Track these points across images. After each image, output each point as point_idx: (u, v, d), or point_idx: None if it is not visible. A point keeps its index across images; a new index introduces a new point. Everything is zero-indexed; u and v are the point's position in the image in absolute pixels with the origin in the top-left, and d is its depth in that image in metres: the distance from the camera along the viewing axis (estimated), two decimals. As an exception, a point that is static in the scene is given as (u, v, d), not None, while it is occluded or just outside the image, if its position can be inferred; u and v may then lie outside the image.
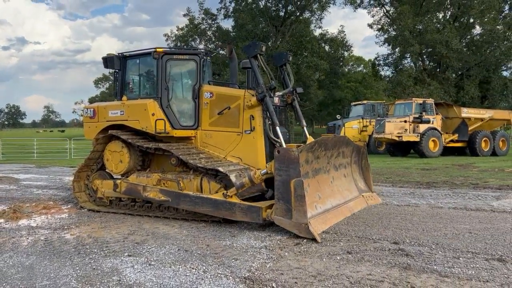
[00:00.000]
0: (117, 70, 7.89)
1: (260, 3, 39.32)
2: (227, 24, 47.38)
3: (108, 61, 7.78)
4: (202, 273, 4.22)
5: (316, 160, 6.03)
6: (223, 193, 6.11)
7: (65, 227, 6.34)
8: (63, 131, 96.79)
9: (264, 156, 6.59)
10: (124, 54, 7.89)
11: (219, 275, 4.16)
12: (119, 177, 7.49)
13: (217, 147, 7.12)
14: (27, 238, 5.72)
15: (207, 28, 40.97)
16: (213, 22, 40.92)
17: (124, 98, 7.57)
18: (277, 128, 6.37)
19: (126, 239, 5.61)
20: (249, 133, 6.70)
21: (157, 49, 7.26)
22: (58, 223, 6.64)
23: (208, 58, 7.77)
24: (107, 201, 7.67)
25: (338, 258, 4.61)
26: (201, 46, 38.70)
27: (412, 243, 5.13)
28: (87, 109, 8.07)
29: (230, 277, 4.08)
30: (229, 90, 7.21)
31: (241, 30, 37.90)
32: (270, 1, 39.38)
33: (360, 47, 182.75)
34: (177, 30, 40.86)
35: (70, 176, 13.87)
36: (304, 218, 5.22)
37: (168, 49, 7.58)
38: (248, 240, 5.43)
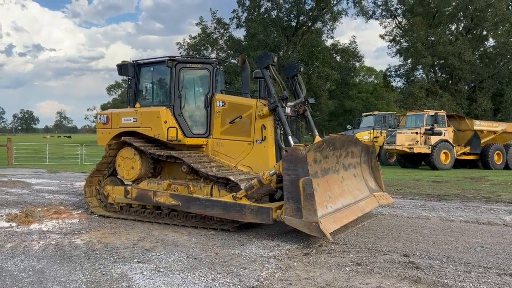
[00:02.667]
0: (131, 78, 7.99)
1: (272, 13, 39.72)
2: (239, 34, 47.76)
3: (122, 68, 7.88)
4: (211, 281, 4.23)
5: (325, 160, 6.01)
6: (233, 195, 6.12)
7: (76, 232, 6.39)
8: (69, 137, 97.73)
9: None
10: (138, 61, 7.99)
11: (227, 283, 4.15)
12: (130, 183, 7.54)
13: (228, 156, 7.15)
14: (38, 242, 5.77)
15: (219, 37, 41.42)
16: (225, 31, 41.40)
17: (137, 105, 7.64)
18: (290, 137, 6.38)
19: (135, 245, 5.64)
20: (261, 142, 6.75)
21: (171, 58, 7.34)
22: (69, 228, 6.70)
23: (221, 67, 7.82)
24: (117, 207, 7.71)
25: (348, 269, 4.58)
26: (213, 55, 39.03)
27: (423, 256, 5.08)
28: (100, 115, 8.17)
29: (239, 286, 4.08)
30: (241, 99, 7.27)
31: (252, 40, 38.20)
32: (282, 11, 39.71)
33: (372, 58, 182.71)
34: (189, 39, 41.35)
35: (81, 182, 14.02)
36: (315, 217, 5.17)
37: (181, 57, 7.67)
38: (257, 249, 5.43)
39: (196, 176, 6.98)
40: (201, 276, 4.36)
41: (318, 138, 6.94)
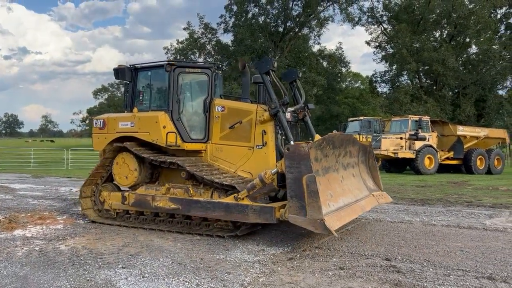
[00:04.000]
0: (128, 82, 7.88)
1: (259, 18, 39.91)
2: (227, 39, 47.95)
3: (119, 72, 7.76)
4: (195, 286, 4.26)
5: (325, 158, 5.98)
6: (234, 196, 6.07)
7: (60, 238, 6.36)
8: (52, 141, 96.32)
9: None
10: (136, 66, 7.88)
11: (211, 288, 4.20)
12: (127, 189, 7.43)
13: (227, 161, 7.10)
14: (22, 249, 5.73)
15: (207, 42, 41.43)
16: (212, 36, 41.48)
17: (135, 109, 7.55)
18: (291, 143, 6.25)
19: (120, 251, 5.64)
20: (261, 148, 6.72)
21: (170, 62, 7.29)
22: (53, 234, 6.66)
23: (220, 72, 7.76)
24: (114, 214, 7.56)
25: (330, 273, 4.66)
26: (200, 60, 39.03)
27: (404, 260, 5.18)
28: (96, 120, 7.99)
29: (223, 291, 4.12)
30: (241, 105, 7.22)
31: (240, 45, 38.34)
32: (269, 17, 39.94)
33: (359, 64, 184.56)
34: (177, 44, 41.29)
35: (66, 187, 13.92)
36: (319, 214, 5.12)
37: (180, 62, 7.56)
38: (242, 254, 5.47)
39: (195, 181, 6.91)
40: (186, 281, 4.39)
41: (318, 137, 6.92)
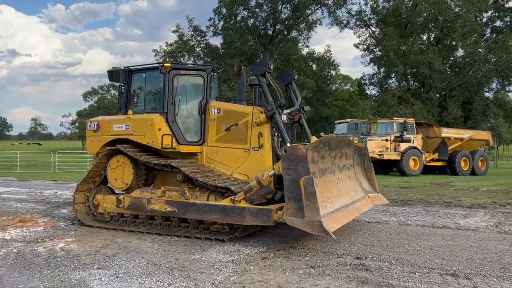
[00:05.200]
0: (122, 84, 7.85)
1: (248, 21, 40.03)
2: (216, 41, 48.08)
3: (113, 74, 7.72)
4: (167, 285, 4.36)
5: (322, 160, 5.99)
6: (231, 199, 6.07)
7: (39, 240, 6.41)
8: (39, 144, 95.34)
9: None
10: (130, 68, 7.87)
11: (183, 287, 4.30)
12: (121, 192, 7.38)
13: (223, 164, 7.08)
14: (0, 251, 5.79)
15: (196, 45, 41.50)
16: (202, 39, 41.54)
17: (130, 112, 7.52)
18: (288, 145, 6.28)
19: (98, 252, 5.71)
20: (257, 150, 6.71)
21: (165, 64, 7.27)
22: (33, 236, 6.71)
23: (215, 74, 7.77)
24: (108, 217, 7.47)
25: (301, 272, 4.79)
26: (190, 62, 39.08)
27: (374, 258, 5.33)
28: (90, 122, 7.93)
29: (193, 290, 4.23)
30: (237, 107, 7.22)
31: (229, 48, 38.46)
32: (258, 19, 40.10)
33: (349, 66, 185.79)
34: (166, 46, 41.30)
35: (51, 190, 13.91)
36: (317, 215, 5.13)
37: (175, 64, 7.58)
38: (217, 254, 5.58)
39: (191, 184, 6.87)
40: (158, 281, 4.49)
41: (314, 139, 6.96)
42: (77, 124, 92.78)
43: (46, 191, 13.53)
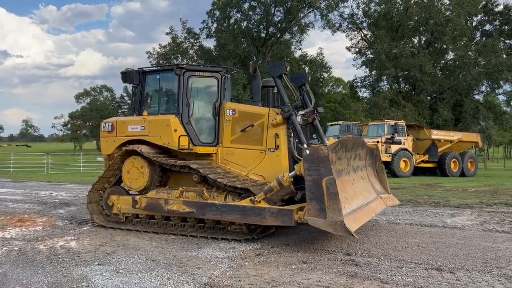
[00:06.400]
0: (136, 85, 7.90)
1: (242, 24, 40.32)
2: (209, 44, 48.47)
3: (127, 76, 7.78)
4: (166, 279, 4.57)
5: (339, 161, 6.00)
6: (251, 199, 6.10)
7: (39, 239, 6.58)
8: (28, 146, 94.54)
9: None
10: (144, 69, 7.95)
11: (181, 281, 4.51)
12: (136, 193, 7.39)
13: (238, 165, 7.12)
14: (1, 249, 5.94)
15: (189, 47, 41.69)
16: (195, 41, 41.74)
17: (145, 113, 7.56)
18: (305, 146, 6.34)
19: (97, 249, 5.90)
20: (273, 151, 6.77)
21: (179, 65, 7.37)
22: (32, 235, 6.87)
23: (229, 75, 7.82)
24: (123, 218, 7.46)
25: (294, 267, 5.01)
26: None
27: (364, 254, 5.57)
28: (105, 123, 7.95)
29: (191, 283, 4.44)
30: (253, 108, 7.28)
31: (222, 50, 38.73)
32: (251, 22, 40.44)
33: (342, 68, 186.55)
34: (159, 48, 41.44)
35: (46, 191, 14.02)
36: (340, 216, 5.15)
37: (190, 65, 7.61)
38: (213, 251, 5.79)
39: (207, 185, 6.92)
40: (157, 276, 4.69)
41: (332, 140, 7.09)
42: (69, 126, 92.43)
43: (41, 192, 13.65)
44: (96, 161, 31.56)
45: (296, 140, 6.70)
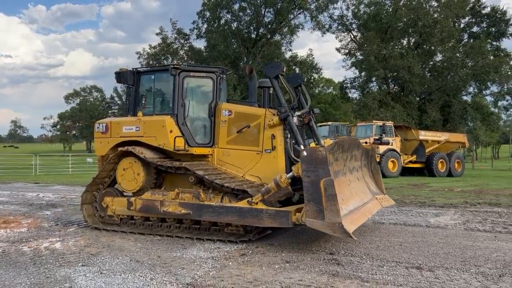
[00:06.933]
0: (130, 86, 7.83)
1: (232, 25, 40.31)
2: (200, 44, 48.42)
3: (121, 76, 7.70)
4: (149, 280, 4.60)
5: (336, 162, 6.01)
6: (248, 201, 6.08)
7: (24, 240, 6.56)
8: (15, 147, 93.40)
9: None
10: (138, 69, 7.92)
11: (164, 281, 4.54)
12: (130, 195, 7.33)
13: (235, 166, 7.10)
14: (-15, 250, 5.92)
15: (180, 48, 41.59)
16: (185, 41, 41.63)
17: (140, 113, 7.47)
18: (302, 147, 6.32)
19: (82, 251, 5.90)
20: (270, 152, 6.75)
21: (175, 66, 7.31)
22: (17, 237, 6.84)
23: (224, 76, 7.79)
24: (117, 219, 7.39)
25: (277, 266, 5.07)
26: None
27: (346, 254, 5.65)
28: (99, 124, 7.87)
29: (174, 284, 4.47)
30: (249, 109, 7.25)
31: (213, 51, 38.63)
32: (242, 23, 40.42)
33: (333, 69, 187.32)
34: (149, 49, 41.28)
35: (33, 192, 13.93)
36: (338, 217, 5.16)
37: (185, 65, 7.57)
38: (198, 251, 5.83)
39: (203, 187, 6.88)
40: (141, 276, 4.72)
41: (328, 142, 7.06)
42: (58, 127, 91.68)
43: (28, 194, 13.55)
44: (86, 162, 31.40)
45: (293, 141, 6.71)
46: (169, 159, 7.22)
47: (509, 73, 38.46)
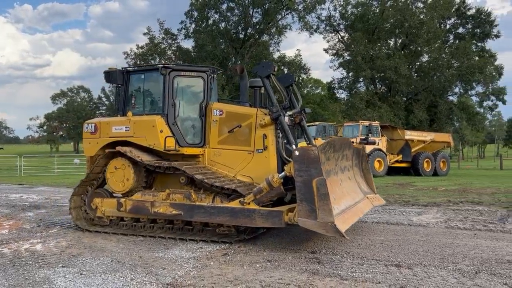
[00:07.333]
0: (119, 85, 7.73)
1: (220, 25, 40.29)
2: (188, 44, 48.19)
3: (110, 75, 7.61)
4: (129, 280, 4.59)
5: (327, 162, 5.99)
6: (240, 201, 6.07)
7: (4, 242, 6.48)
8: (1, 148, 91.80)
9: None
10: (128, 69, 7.87)
11: (144, 282, 4.53)
12: (120, 196, 7.22)
13: (226, 166, 7.07)
14: (-36, 252, 5.85)
15: (167, 48, 41.43)
16: (173, 42, 41.49)
17: (130, 113, 7.40)
18: (294, 146, 6.33)
19: (63, 252, 5.86)
20: (261, 152, 6.73)
21: (165, 65, 7.28)
22: (-3, 238, 6.77)
23: (215, 75, 7.75)
24: (107, 221, 7.31)
25: (258, 265, 5.10)
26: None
27: (328, 252, 5.70)
28: (87, 124, 7.72)
29: (154, 284, 4.47)
30: (240, 108, 7.23)
31: (201, 51, 38.60)
32: (230, 23, 40.43)
33: (322, 70, 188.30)
34: (136, 49, 41.06)
35: (17, 194, 13.76)
36: (330, 216, 5.18)
37: (176, 65, 7.40)
38: (180, 251, 5.83)
39: (194, 187, 6.83)
40: (121, 277, 4.70)
41: (320, 141, 7.00)
42: (45, 127, 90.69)
43: (11, 195, 13.39)
44: (73, 163, 31.11)
45: (285, 141, 6.70)
46: (159, 159, 7.16)
47: (494, 73, 39.16)
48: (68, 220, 8.32)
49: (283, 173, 5.91)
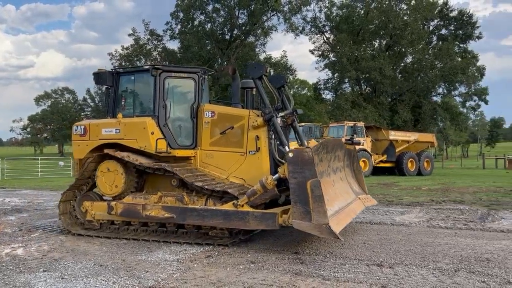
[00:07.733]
0: (109, 87, 7.61)
1: (206, 26, 40.23)
2: (173, 45, 47.87)
3: (100, 77, 7.49)
4: (112, 284, 4.56)
5: (320, 163, 5.97)
6: (233, 203, 6.02)
7: (-16, 247, 6.39)
8: None
9: None
10: (117, 70, 7.76)
11: (127, 285, 4.52)
12: (110, 199, 7.12)
13: (218, 168, 6.98)
14: None
15: (153, 49, 41.22)
16: (158, 43, 41.30)
17: (120, 115, 7.25)
18: (286, 148, 6.28)
19: (45, 256, 5.80)
20: (254, 153, 6.67)
21: (156, 66, 7.17)
22: (-23, 243, 6.66)
23: (206, 76, 7.65)
24: (97, 224, 7.18)
25: (241, 267, 5.11)
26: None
27: (311, 253, 5.75)
28: (77, 126, 7.58)
29: (137, 287, 4.46)
30: (232, 110, 7.16)
31: (187, 52, 38.50)
32: (215, 24, 40.38)
33: (308, 71, 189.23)
34: (121, 50, 40.76)
35: (-1, 197, 13.54)
36: (325, 218, 5.15)
37: (166, 66, 7.30)
38: (164, 254, 5.81)
39: (186, 189, 6.75)
40: (103, 280, 4.68)
41: (313, 142, 6.96)
42: (28, 129, 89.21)
43: (-7, 199, 13.16)
44: (58, 166, 30.69)
45: (277, 142, 6.68)
46: (153, 162, 7.02)
47: (476, 74, 39.85)
48: (51, 224, 8.26)
49: (277, 175, 5.89)
